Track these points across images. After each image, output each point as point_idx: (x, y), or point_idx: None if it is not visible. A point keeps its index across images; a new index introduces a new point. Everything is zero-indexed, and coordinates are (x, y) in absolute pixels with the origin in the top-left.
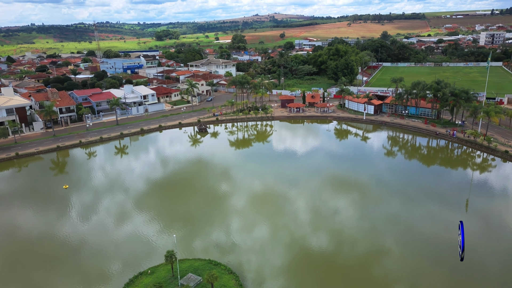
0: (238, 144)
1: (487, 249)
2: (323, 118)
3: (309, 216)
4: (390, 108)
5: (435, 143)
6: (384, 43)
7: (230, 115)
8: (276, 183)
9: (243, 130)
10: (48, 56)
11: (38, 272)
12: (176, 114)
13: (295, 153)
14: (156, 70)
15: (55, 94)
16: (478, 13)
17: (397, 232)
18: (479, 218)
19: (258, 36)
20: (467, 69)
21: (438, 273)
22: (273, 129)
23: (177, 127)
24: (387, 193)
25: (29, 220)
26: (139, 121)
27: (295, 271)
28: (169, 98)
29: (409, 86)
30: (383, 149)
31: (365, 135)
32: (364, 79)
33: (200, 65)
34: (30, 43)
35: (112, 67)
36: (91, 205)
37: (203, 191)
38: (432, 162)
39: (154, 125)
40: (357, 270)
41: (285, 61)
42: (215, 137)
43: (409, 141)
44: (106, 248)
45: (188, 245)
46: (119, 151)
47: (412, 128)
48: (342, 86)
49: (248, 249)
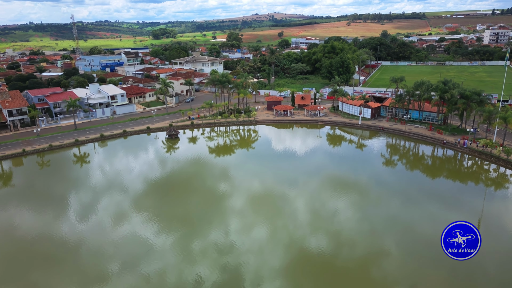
0: (208, 156)
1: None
2: (313, 122)
3: (288, 251)
4: (390, 111)
5: (442, 153)
6: (384, 41)
7: (208, 118)
8: (248, 204)
9: (221, 136)
10: (31, 53)
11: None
12: (147, 117)
13: (276, 164)
14: (135, 68)
15: (4, 94)
16: (479, 13)
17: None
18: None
19: (256, 35)
20: (472, 68)
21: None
22: (255, 136)
23: (145, 132)
24: (384, 214)
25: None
26: (103, 125)
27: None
28: (143, 99)
29: (411, 86)
30: (381, 160)
31: (361, 142)
32: (362, 78)
33: (184, 63)
34: (25, 41)
35: (88, 65)
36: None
37: (152, 219)
38: (439, 179)
39: (118, 130)
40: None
41: (277, 59)
42: (186, 145)
43: (411, 150)
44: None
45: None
46: (66, 163)
47: (414, 136)
48: (336, 86)
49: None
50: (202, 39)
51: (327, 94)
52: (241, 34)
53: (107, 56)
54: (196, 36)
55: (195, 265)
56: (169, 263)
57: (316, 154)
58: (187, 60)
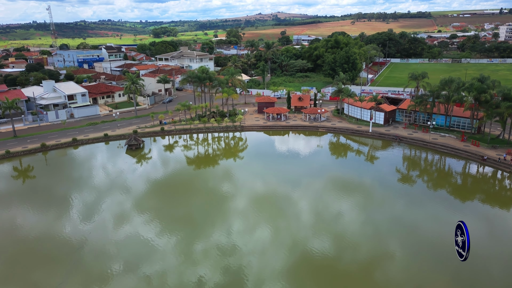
0: (168, 179)
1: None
2: (312, 129)
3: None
4: (408, 116)
5: (483, 174)
6: (393, 36)
7: (182, 123)
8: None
9: (194, 147)
10: (15, 50)
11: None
12: (111, 121)
13: (260, 193)
14: (110, 64)
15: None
16: (486, 12)
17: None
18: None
19: (258, 34)
20: (493, 66)
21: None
22: (239, 146)
23: (102, 140)
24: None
25: None
26: (53, 131)
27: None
28: (112, 99)
29: (436, 85)
30: (398, 184)
31: (372, 154)
32: (370, 77)
33: (170, 59)
34: (24, 39)
35: (62, 60)
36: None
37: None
38: (485, 213)
39: (68, 138)
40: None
41: (274, 55)
42: (146, 159)
43: (439, 169)
44: None
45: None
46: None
47: (442, 148)
48: (340, 84)
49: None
50: (203, 37)
51: (329, 94)
52: (243, 33)
53: (84, 51)
54: (198, 35)
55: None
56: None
57: (315, 171)
58: (173, 55)
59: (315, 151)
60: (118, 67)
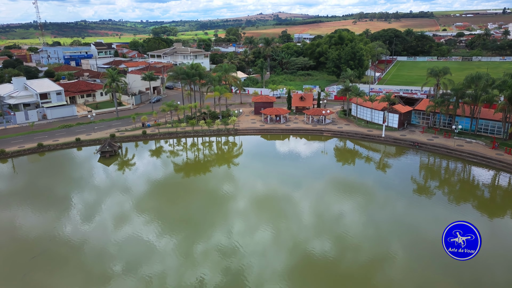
0: (143, 200)
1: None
2: (315, 132)
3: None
4: (426, 118)
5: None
6: (399, 33)
7: (168, 126)
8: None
9: (178, 155)
10: (6, 48)
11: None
12: (88, 123)
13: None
14: (96, 62)
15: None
16: (489, 12)
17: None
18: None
19: (259, 34)
20: (507, 64)
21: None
22: (232, 153)
23: (74, 146)
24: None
25: None
26: (19, 134)
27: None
28: (93, 98)
29: (460, 83)
30: (417, 201)
31: (385, 161)
32: (377, 75)
33: (163, 55)
34: (23, 38)
35: (47, 57)
36: None
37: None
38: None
39: (33, 144)
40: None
41: (273, 52)
42: (123, 169)
43: (467, 182)
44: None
45: None
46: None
47: (469, 157)
48: (347, 82)
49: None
50: (203, 37)
51: (335, 93)
52: (243, 32)
53: (72, 47)
54: (198, 35)
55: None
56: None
57: (316, 185)
58: (166, 52)
59: (320, 161)
60: (106, 64)
